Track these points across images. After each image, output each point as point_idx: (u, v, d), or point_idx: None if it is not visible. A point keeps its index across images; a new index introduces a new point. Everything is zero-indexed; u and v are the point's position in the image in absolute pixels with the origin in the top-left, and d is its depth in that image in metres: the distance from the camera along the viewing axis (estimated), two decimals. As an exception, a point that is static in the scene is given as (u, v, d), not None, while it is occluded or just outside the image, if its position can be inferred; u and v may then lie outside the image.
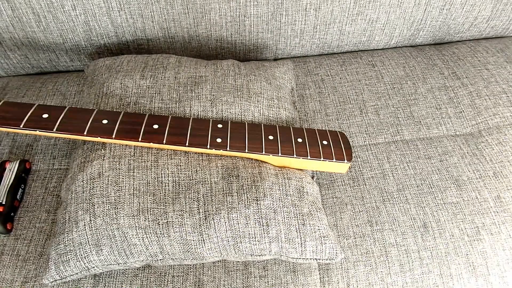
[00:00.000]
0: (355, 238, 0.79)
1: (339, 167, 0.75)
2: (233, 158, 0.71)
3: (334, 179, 0.85)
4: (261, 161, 0.73)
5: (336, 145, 0.75)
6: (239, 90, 0.79)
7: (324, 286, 0.75)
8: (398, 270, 0.76)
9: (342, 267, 0.77)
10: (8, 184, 0.77)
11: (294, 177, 0.71)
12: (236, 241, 0.66)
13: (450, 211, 0.81)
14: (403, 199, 0.82)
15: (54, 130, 0.64)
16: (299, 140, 0.73)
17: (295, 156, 0.71)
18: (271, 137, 0.72)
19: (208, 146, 0.68)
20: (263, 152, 0.70)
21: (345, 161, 0.73)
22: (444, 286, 0.76)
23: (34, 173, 0.82)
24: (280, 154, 0.70)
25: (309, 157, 0.71)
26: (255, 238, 0.66)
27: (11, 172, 0.78)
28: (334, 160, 0.72)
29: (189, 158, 0.70)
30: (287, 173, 0.71)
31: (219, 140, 0.69)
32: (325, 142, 0.74)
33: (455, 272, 0.76)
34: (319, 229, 0.68)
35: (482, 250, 0.78)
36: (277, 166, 0.73)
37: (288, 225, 0.67)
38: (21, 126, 0.63)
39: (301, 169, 0.75)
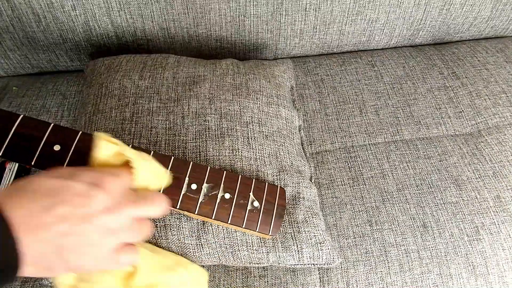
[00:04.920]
0: (355, 238, 0.79)
1: (261, 235, 0.65)
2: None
3: (334, 179, 0.85)
4: None
5: (267, 210, 0.63)
6: (238, 88, 0.79)
7: (323, 285, 0.76)
8: (397, 270, 0.76)
9: (341, 267, 0.77)
10: (8, 184, 0.77)
11: (292, 182, 0.71)
12: (234, 249, 0.66)
13: (450, 211, 0.81)
14: (402, 199, 0.82)
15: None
16: (227, 196, 0.61)
17: (213, 218, 0.59)
18: (194, 186, 0.59)
19: None
20: (177, 207, 0.57)
21: (269, 234, 0.62)
22: (443, 285, 0.76)
23: (34, 173, 0.83)
24: (196, 213, 0.58)
25: (228, 222, 0.60)
26: (252, 246, 0.66)
27: (11, 172, 0.79)
28: (256, 230, 0.61)
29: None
30: (284, 179, 0.71)
31: None
32: (256, 204, 0.62)
33: (455, 272, 0.76)
34: (315, 235, 0.68)
35: (482, 250, 0.78)
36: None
37: (284, 233, 0.67)
38: None
39: (299, 172, 0.75)
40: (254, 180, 0.65)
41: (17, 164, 0.79)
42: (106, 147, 0.43)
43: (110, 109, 0.75)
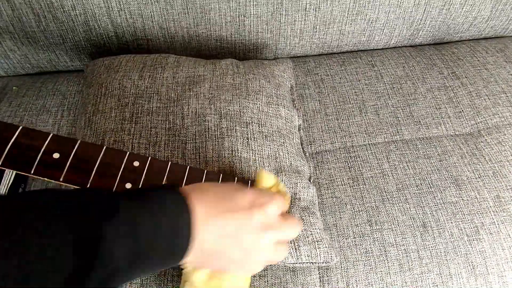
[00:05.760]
0: (355, 237, 0.79)
1: None
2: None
3: (333, 179, 0.85)
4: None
5: None
6: (238, 88, 0.79)
7: (323, 285, 0.76)
8: (397, 270, 0.76)
9: (341, 267, 0.77)
10: (8, 184, 0.77)
11: (289, 183, 0.71)
12: None
13: (450, 210, 0.81)
14: (402, 199, 0.82)
15: None
16: None
17: None
18: None
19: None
20: None
21: None
22: (443, 285, 0.76)
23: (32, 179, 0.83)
24: None
25: None
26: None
27: (11, 172, 0.79)
28: None
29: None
30: (282, 180, 0.71)
31: (128, 185, 0.55)
32: None
33: (454, 272, 0.76)
34: (311, 233, 0.68)
35: (481, 250, 0.78)
36: None
37: None
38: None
39: (298, 172, 0.75)
40: (249, 181, 0.64)
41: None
42: (268, 179, 0.55)
43: (110, 109, 0.75)
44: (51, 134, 0.53)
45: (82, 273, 0.32)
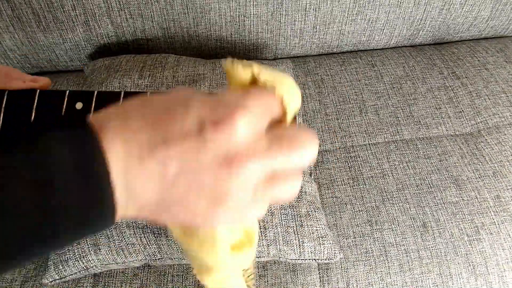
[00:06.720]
0: (355, 237, 0.79)
1: None
2: None
3: (334, 179, 0.85)
4: None
5: None
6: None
7: (323, 285, 0.75)
8: (397, 270, 0.76)
9: (341, 267, 0.76)
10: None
11: None
12: None
13: (450, 210, 0.81)
14: (402, 199, 0.82)
15: None
16: None
17: None
18: None
19: None
20: None
21: None
22: (443, 285, 0.76)
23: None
24: None
25: None
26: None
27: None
28: None
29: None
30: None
31: None
32: None
33: (455, 272, 0.76)
34: (317, 229, 0.68)
35: (482, 250, 0.78)
36: None
37: (286, 227, 0.67)
38: None
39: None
40: None
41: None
42: (243, 71, 0.30)
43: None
44: (67, 91, 0.42)
45: None
